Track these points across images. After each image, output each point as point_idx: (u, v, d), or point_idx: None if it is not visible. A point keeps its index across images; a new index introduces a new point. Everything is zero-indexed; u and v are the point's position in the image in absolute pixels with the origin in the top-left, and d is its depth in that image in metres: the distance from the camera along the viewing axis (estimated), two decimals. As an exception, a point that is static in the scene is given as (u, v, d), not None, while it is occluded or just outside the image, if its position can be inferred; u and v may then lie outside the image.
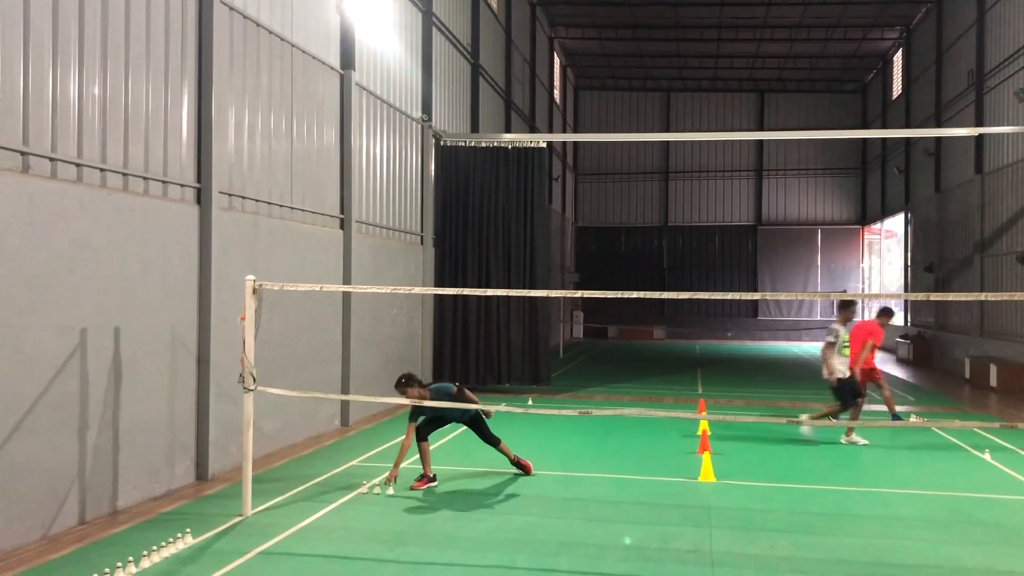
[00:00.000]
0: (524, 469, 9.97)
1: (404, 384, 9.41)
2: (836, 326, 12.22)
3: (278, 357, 10.97)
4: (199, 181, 9.56)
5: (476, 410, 9.63)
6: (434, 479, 9.42)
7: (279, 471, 9.95)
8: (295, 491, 8.94)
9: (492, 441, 9.87)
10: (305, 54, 12.16)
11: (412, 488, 9.10)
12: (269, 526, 7.60)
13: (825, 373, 12.23)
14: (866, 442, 12.02)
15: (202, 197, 9.56)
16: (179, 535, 7.05)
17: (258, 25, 10.83)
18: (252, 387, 7.94)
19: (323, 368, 12.61)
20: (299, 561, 6.73)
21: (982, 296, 7.86)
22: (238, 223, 10.27)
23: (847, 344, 12.14)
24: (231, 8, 10.15)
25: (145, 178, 8.66)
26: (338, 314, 13.15)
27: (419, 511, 8.25)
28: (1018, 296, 7.62)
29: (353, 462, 10.48)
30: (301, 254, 11.91)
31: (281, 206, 11.46)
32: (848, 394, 12.18)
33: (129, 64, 8.41)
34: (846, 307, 12.52)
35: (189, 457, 9.37)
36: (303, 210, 12.11)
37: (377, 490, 8.90)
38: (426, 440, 9.49)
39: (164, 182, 8.98)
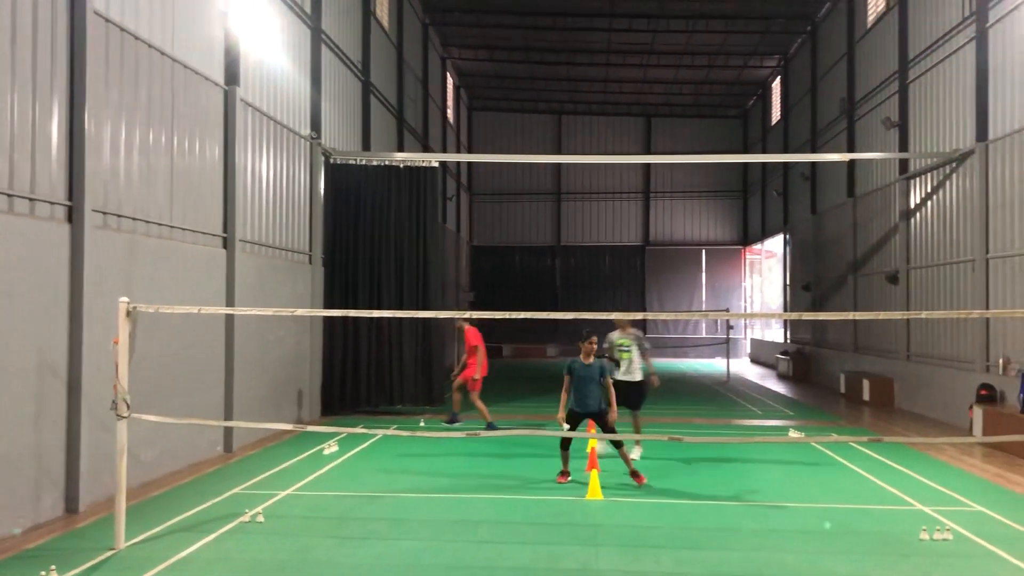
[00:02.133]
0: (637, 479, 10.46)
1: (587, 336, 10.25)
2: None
3: (156, 382, 10.57)
4: (71, 198, 9.15)
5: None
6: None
7: (157, 501, 9.55)
8: (173, 521, 8.59)
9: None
10: (187, 69, 11.82)
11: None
12: (144, 559, 7.27)
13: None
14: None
15: (74, 215, 9.15)
16: (43, 572, 6.66)
17: (136, 38, 10.47)
18: (126, 414, 7.60)
19: (205, 393, 12.20)
20: (174, 595, 6.46)
21: (852, 315, 8.22)
22: (113, 242, 9.87)
23: (624, 349, 12.42)
24: (107, 20, 9.79)
25: (9, 195, 8.23)
26: (221, 336, 12.77)
27: (302, 539, 8.04)
28: (883, 315, 8.03)
29: (236, 489, 10.14)
30: (182, 274, 11.52)
31: (160, 224, 11.07)
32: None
33: (-7, 75, 8.00)
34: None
35: (58, 489, 8.89)
36: (184, 229, 11.72)
37: (260, 518, 8.64)
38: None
39: (31, 199, 8.56)
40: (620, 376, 12.24)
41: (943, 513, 9.18)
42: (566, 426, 10.50)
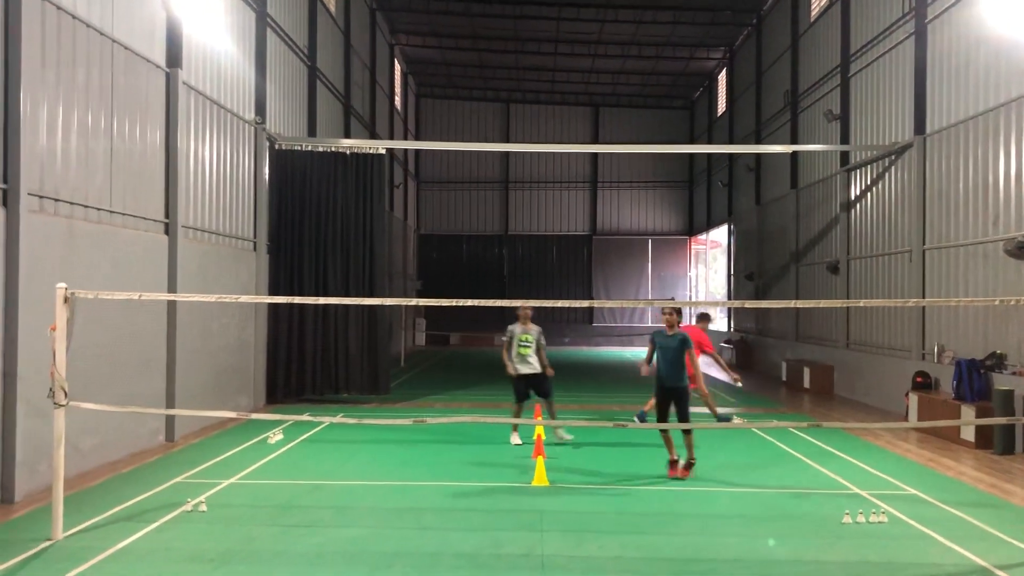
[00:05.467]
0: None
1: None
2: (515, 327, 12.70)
3: (96, 370, 10.36)
4: (5, 181, 8.91)
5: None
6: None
7: (96, 491, 9.36)
8: (112, 511, 8.43)
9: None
10: (128, 50, 11.55)
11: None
12: (82, 550, 7.14)
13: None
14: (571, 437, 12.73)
15: (8, 199, 8.92)
16: (-23, 564, 6.52)
17: (74, 18, 10.20)
18: (63, 402, 7.44)
19: (146, 380, 11.99)
20: (114, 586, 6.36)
21: (794, 303, 8.39)
22: (50, 227, 9.62)
23: (525, 344, 12.56)
24: (43, -2, 9.52)
25: (-59, 177, 7.97)
26: (163, 324, 12.55)
27: (246, 528, 7.96)
28: (823, 304, 8.21)
29: (177, 479, 9.99)
30: (122, 260, 11.28)
31: (99, 209, 10.82)
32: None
33: (-78, 53, 7.73)
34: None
35: (-8, 479, 8.68)
36: (124, 214, 11.47)
37: (203, 507, 8.53)
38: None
39: (-37, 182, 8.30)
40: (524, 370, 12.46)
41: (879, 496, 9.44)
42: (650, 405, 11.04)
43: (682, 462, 10.54)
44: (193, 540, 7.53)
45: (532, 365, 12.54)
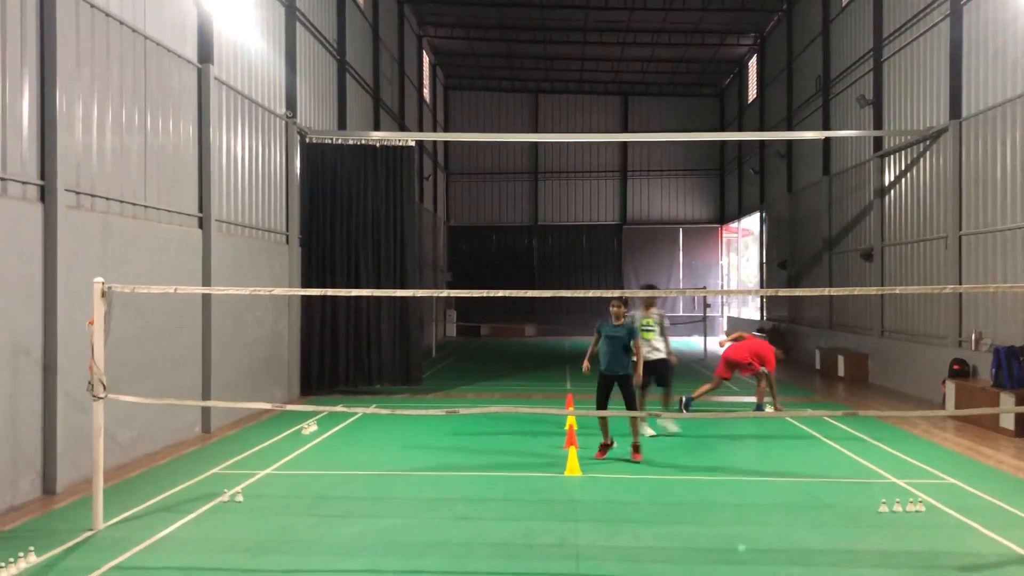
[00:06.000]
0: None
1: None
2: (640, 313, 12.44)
3: (133, 363, 10.51)
4: (43, 178, 9.04)
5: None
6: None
7: (134, 482, 9.52)
8: (151, 502, 8.57)
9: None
10: (160, 47, 11.67)
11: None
12: (122, 540, 7.26)
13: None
14: (654, 433, 12.50)
15: (46, 195, 9.05)
16: (21, 554, 6.63)
17: (108, 15, 10.32)
18: (102, 395, 7.56)
19: (182, 373, 12.14)
20: (154, 575, 6.46)
21: (828, 291, 8.30)
22: (87, 222, 9.76)
23: (648, 328, 12.36)
24: (77, -4, 9.63)
25: (-20, 175, 8.12)
26: (198, 317, 12.69)
27: (282, 518, 8.05)
28: (858, 291, 8.12)
29: (214, 470, 10.12)
30: (157, 255, 11.42)
31: (135, 204, 10.95)
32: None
33: (-39, 53, 7.87)
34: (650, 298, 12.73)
35: (34, 470, 8.84)
36: (158, 208, 11.61)
37: (239, 498, 8.63)
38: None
39: (2, 179, 8.44)
40: (646, 355, 12.04)
41: (916, 486, 9.33)
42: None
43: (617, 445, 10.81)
44: (230, 530, 7.63)
45: (658, 350, 12.30)
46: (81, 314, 8.84)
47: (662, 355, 12.32)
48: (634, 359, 10.71)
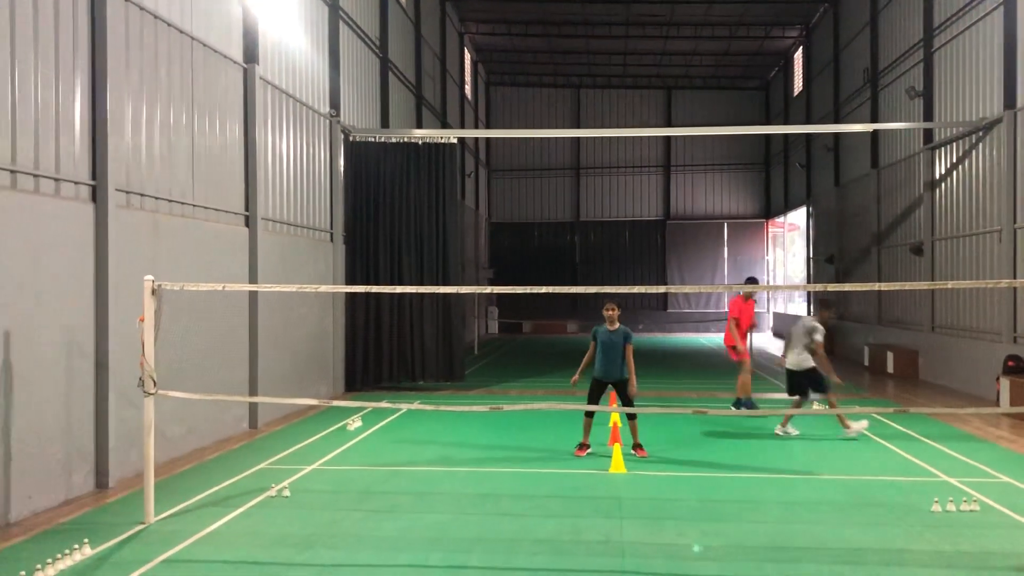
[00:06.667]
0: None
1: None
2: (819, 325, 11.96)
3: (182, 359, 10.67)
4: (94, 178, 9.21)
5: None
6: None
7: (184, 476, 9.67)
8: (200, 496, 8.70)
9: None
10: (206, 47, 11.83)
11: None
12: (173, 533, 7.38)
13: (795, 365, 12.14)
14: (797, 432, 12.25)
15: (97, 195, 9.22)
16: (76, 546, 6.77)
17: (156, 17, 10.48)
18: (152, 391, 7.69)
19: (230, 369, 12.31)
20: (204, 568, 6.55)
21: (877, 286, 8.15)
22: (137, 221, 9.93)
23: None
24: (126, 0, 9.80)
25: (35, 175, 8.29)
26: (245, 314, 12.86)
27: (328, 512, 8.12)
28: (908, 286, 7.96)
29: (261, 465, 10.25)
30: (205, 253, 11.59)
31: (183, 203, 11.12)
32: (813, 384, 12.10)
33: (15, 57, 8.04)
34: (827, 306, 12.44)
35: (88, 464, 9.02)
36: (206, 207, 11.78)
37: (287, 492, 8.73)
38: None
39: (56, 179, 8.62)
40: (800, 363, 11.88)
41: (970, 484, 9.13)
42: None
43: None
44: (278, 524, 7.71)
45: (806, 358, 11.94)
46: (131, 311, 9.00)
47: (811, 363, 11.95)
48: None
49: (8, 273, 7.78)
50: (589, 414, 10.77)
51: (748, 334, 14.56)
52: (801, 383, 12.10)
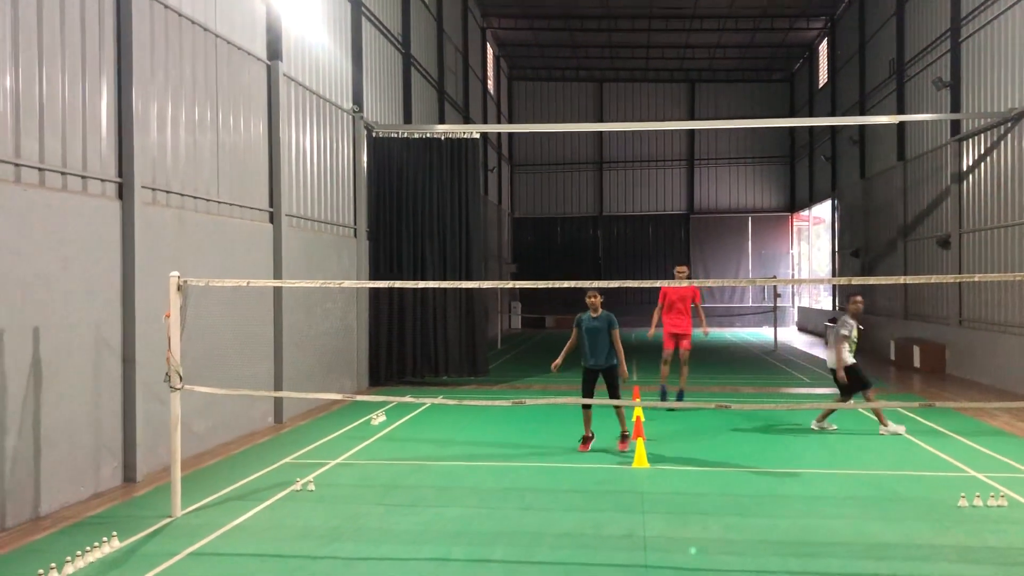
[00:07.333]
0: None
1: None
2: (849, 319, 11.90)
3: (208, 354, 10.77)
4: (120, 175, 9.32)
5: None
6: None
7: (210, 470, 9.77)
8: (227, 490, 8.79)
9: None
10: (230, 45, 11.91)
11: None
12: (199, 526, 7.46)
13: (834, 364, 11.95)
14: (835, 427, 12.16)
15: (124, 192, 9.32)
16: (105, 539, 6.87)
17: (180, 15, 10.57)
18: (179, 386, 7.77)
19: (255, 365, 12.42)
20: (230, 561, 6.62)
21: (903, 279, 8.08)
22: (163, 218, 10.04)
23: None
24: (151, -3, 9.89)
25: (63, 173, 8.40)
26: (269, 309, 12.96)
27: (352, 506, 8.18)
28: (935, 279, 7.88)
29: (287, 459, 10.34)
30: (229, 249, 11.69)
31: (208, 200, 11.22)
32: (856, 383, 11.88)
33: (43, 55, 8.14)
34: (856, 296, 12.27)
35: (116, 459, 9.14)
36: (231, 204, 11.87)
37: (311, 487, 8.80)
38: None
39: (83, 177, 8.73)
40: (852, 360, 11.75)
41: (997, 479, 9.03)
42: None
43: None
44: (303, 518, 7.78)
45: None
46: (158, 307, 9.10)
47: (851, 360, 11.79)
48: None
49: (37, 270, 7.90)
50: (587, 405, 10.77)
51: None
52: (850, 383, 11.81)
